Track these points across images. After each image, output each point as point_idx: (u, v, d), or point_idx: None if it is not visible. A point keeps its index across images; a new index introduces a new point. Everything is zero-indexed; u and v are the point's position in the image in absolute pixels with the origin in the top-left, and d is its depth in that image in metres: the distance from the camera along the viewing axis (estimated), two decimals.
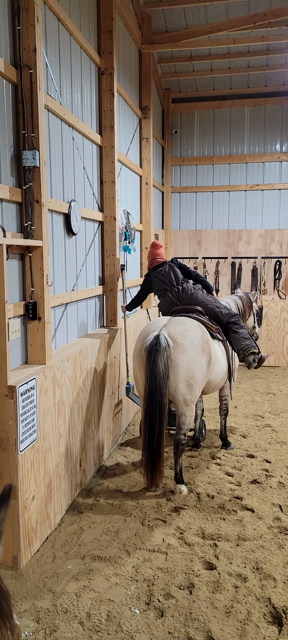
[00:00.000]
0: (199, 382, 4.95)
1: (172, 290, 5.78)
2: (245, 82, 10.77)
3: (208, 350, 5.05)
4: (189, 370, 4.81)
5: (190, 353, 4.82)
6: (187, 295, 5.68)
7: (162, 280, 5.87)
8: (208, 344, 5.08)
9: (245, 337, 5.56)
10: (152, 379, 4.62)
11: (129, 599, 3.46)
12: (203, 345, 4.98)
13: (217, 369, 5.36)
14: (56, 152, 4.87)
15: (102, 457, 5.69)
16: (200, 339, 4.97)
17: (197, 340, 4.92)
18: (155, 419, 4.61)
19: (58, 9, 4.72)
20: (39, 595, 3.50)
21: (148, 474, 4.69)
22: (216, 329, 5.48)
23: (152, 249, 6.17)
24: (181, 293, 5.72)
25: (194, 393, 4.92)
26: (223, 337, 5.58)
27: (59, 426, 4.43)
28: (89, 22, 5.71)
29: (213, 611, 3.32)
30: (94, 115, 5.99)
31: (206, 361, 5.01)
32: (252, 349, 5.48)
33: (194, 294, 5.68)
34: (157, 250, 6.13)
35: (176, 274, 5.84)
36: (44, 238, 4.22)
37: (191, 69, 10.20)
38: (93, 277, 6.09)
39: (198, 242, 11.44)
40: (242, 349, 5.50)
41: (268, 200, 11.15)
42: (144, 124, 8.45)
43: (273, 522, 4.43)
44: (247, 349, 5.47)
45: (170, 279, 5.82)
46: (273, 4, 8.14)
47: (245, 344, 5.50)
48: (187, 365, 4.80)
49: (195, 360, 4.86)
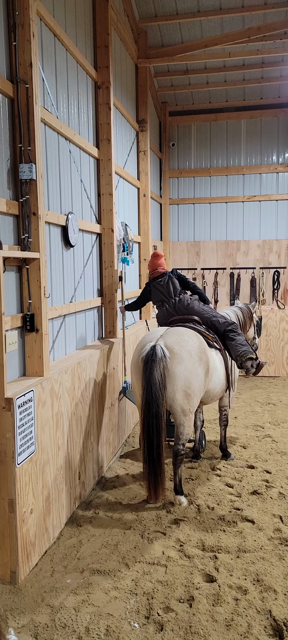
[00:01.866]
0: (197, 392, 4.93)
1: (169, 302, 5.80)
2: (241, 94, 10.86)
3: (205, 360, 5.04)
4: (186, 380, 4.79)
5: (187, 363, 4.81)
6: (183, 306, 5.70)
7: (160, 291, 5.90)
8: (205, 354, 5.07)
9: (242, 343, 5.55)
10: (148, 389, 4.60)
11: (128, 613, 3.42)
12: (200, 355, 4.96)
13: (215, 378, 5.34)
14: (53, 165, 4.90)
15: (101, 470, 5.66)
16: (197, 348, 4.96)
17: (194, 350, 4.91)
18: (152, 430, 4.59)
19: (54, 24, 4.77)
20: (37, 610, 3.46)
21: (151, 486, 4.65)
22: (213, 338, 5.48)
23: (153, 259, 6.20)
24: (178, 304, 5.74)
25: (192, 403, 4.90)
26: (220, 346, 5.57)
27: (57, 438, 4.41)
28: (85, 37, 5.78)
29: (214, 624, 3.28)
30: (90, 128, 6.04)
31: (204, 371, 5.00)
32: (250, 355, 5.46)
33: (190, 305, 5.70)
34: (158, 260, 6.16)
35: (174, 286, 5.86)
36: (41, 250, 4.23)
37: (187, 83, 10.30)
38: (91, 288, 6.10)
39: (196, 253, 11.48)
40: (239, 355, 5.48)
41: (266, 211, 11.20)
42: (141, 137, 8.51)
43: (274, 533, 4.39)
44: (244, 354, 5.45)
45: (169, 290, 5.85)
46: (267, 18, 8.24)
47: (242, 350, 5.48)
48: (184, 375, 4.78)
49: (192, 370, 4.84)
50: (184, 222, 11.53)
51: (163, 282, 5.92)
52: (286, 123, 10.97)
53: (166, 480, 5.48)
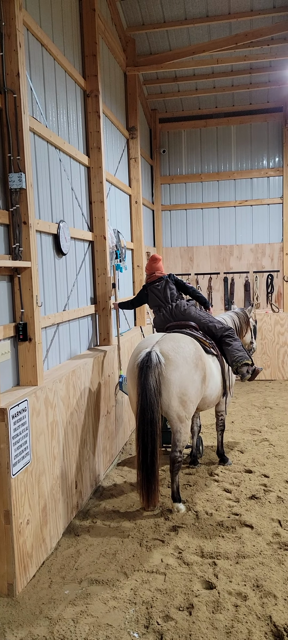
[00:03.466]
0: (193, 399, 4.89)
1: (166, 307, 5.76)
2: (230, 100, 10.93)
3: (202, 367, 5.01)
4: (182, 387, 4.76)
5: (183, 369, 4.77)
6: (180, 311, 5.67)
7: (157, 295, 5.87)
8: (202, 360, 5.03)
9: (239, 349, 5.52)
10: (143, 395, 4.57)
11: (127, 622, 3.38)
12: (196, 361, 4.93)
13: (212, 384, 5.30)
14: (43, 173, 4.89)
15: (98, 478, 5.61)
16: (193, 355, 4.93)
17: (189, 357, 4.87)
18: (147, 436, 4.55)
19: (41, 34, 4.78)
20: (35, 623, 3.41)
21: (144, 493, 4.60)
22: (210, 344, 5.44)
23: (151, 262, 6.16)
24: (174, 310, 5.70)
25: (188, 410, 4.86)
26: (217, 351, 5.54)
27: (52, 448, 4.37)
28: (73, 47, 5.79)
29: (214, 632, 3.24)
30: (80, 136, 6.04)
31: (200, 377, 4.97)
32: (245, 360, 5.44)
33: (187, 310, 5.66)
34: (156, 264, 6.12)
35: (171, 291, 5.83)
36: (33, 259, 4.21)
37: (176, 90, 10.36)
38: (84, 296, 6.08)
39: (190, 258, 11.49)
40: (235, 360, 5.46)
41: (258, 215, 11.25)
42: (131, 144, 8.53)
43: (273, 537, 4.36)
44: (240, 360, 5.43)
45: (166, 296, 5.81)
46: (254, 25, 8.31)
47: (238, 356, 5.46)
48: (179, 381, 4.74)
49: (188, 376, 4.80)
50: (177, 228, 11.55)
51: (160, 287, 5.89)
52: (275, 128, 11.04)
53: (164, 487, 5.45)
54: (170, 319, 5.70)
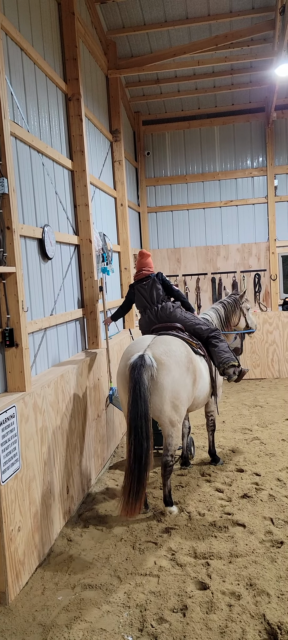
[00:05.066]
0: (185, 402, 4.87)
1: (152, 309, 5.66)
2: (212, 101, 10.99)
3: (192, 369, 4.99)
4: (174, 391, 4.73)
5: (175, 374, 4.74)
6: (166, 314, 5.58)
7: (143, 295, 5.73)
8: (192, 363, 5.01)
9: (225, 350, 5.49)
10: (136, 388, 4.44)
11: (121, 626, 3.35)
12: (187, 364, 4.91)
13: (201, 386, 5.29)
14: (26, 178, 4.85)
15: (90, 482, 5.57)
16: (185, 358, 4.90)
17: (181, 360, 4.84)
18: (141, 432, 4.35)
19: (20, 39, 4.75)
20: (28, 630, 3.36)
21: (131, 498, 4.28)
22: (197, 344, 5.42)
23: (140, 258, 5.97)
24: (160, 312, 5.60)
25: (180, 413, 4.84)
26: (204, 352, 5.52)
27: (42, 454, 4.32)
28: (53, 51, 5.77)
29: (208, 632, 3.23)
30: (63, 140, 6.01)
31: (191, 380, 4.95)
32: (232, 362, 5.40)
33: (173, 313, 5.57)
34: (145, 259, 5.93)
35: (157, 292, 5.69)
36: (17, 264, 4.17)
37: (159, 92, 10.38)
38: (72, 300, 6.04)
39: (177, 260, 11.51)
40: (222, 362, 5.41)
41: (243, 215, 11.30)
42: (115, 147, 8.52)
43: (265, 536, 4.36)
44: (227, 361, 5.39)
45: (152, 296, 5.69)
46: (234, 26, 8.36)
47: (224, 357, 5.42)
48: (171, 386, 4.71)
49: (180, 380, 4.77)
50: (163, 230, 11.56)
51: (147, 286, 5.73)
52: (258, 128, 11.12)
53: (156, 489, 5.43)
54: (155, 321, 5.60)
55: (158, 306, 5.63)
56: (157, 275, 5.82)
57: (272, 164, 11.01)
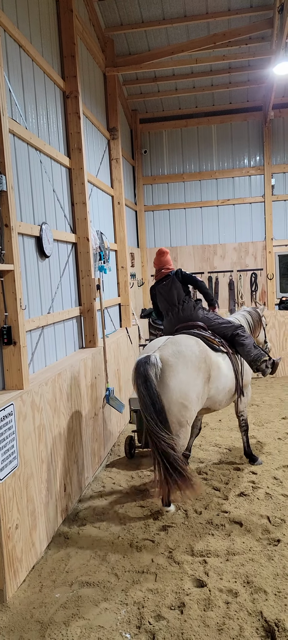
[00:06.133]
0: (194, 403, 4.81)
1: (173, 310, 5.60)
2: (210, 100, 10.99)
3: (205, 368, 4.94)
4: (181, 392, 4.70)
5: (182, 375, 4.71)
6: (187, 315, 5.53)
7: (165, 297, 5.68)
8: (206, 362, 4.96)
9: (254, 346, 5.49)
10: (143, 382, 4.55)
11: (119, 623, 3.36)
12: (199, 364, 4.86)
13: (220, 384, 5.20)
14: (24, 175, 4.84)
15: (87, 480, 5.57)
16: (195, 358, 4.85)
17: (191, 360, 4.80)
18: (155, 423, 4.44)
19: (19, 35, 4.74)
20: (26, 628, 3.37)
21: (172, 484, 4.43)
22: (219, 342, 5.38)
23: (158, 256, 5.90)
24: (181, 313, 5.55)
25: (189, 414, 4.79)
26: (228, 349, 5.45)
27: (40, 451, 4.32)
28: (51, 48, 5.76)
29: (205, 629, 3.24)
30: (61, 138, 6.00)
31: (202, 380, 4.89)
32: (263, 357, 5.42)
33: (194, 313, 5.52)
34: (164, 257, 5.85)
35: (178, 291, 5.60)
36: (15, 262, 4.17)
37: (156, 90, 10.37)
38: (69, 298, 6.03)
39: (174, 258, 11.50)
40: (253, 359, 5.42)
41: (240, 214, 11.32)
42: (112, 145, 8.51)
43: (262, 534, 4.38)
44: (258, 358, 5.40)
45: (172, 297, 5.62)
46: (232, 24, 8.36)
47: (254, 354, 5.42)
48: (178, 387, 4.68)
49: (188, 381, 4.73)
50: (160, 228, 11.56)
51: (166, 287, 5.66)
52: (255, 127, 11.14)
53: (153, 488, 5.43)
54: (177, 322, 5.56)
55: (180, 307, 5.58)
56: (176, 274, 5.71)
57: (269, 163, 11.04)
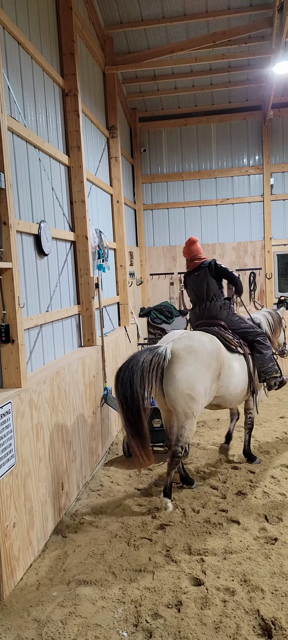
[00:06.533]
0: (202, 397, 4.90)
1: (200, 306, 5.68)
2: (209, 99, 10.98)
3: (216, 366, 5.02)
4: (188, 384, 4.80)
5: (191, 368, 4.82)
6: (212, 314, 5.59)
7: (194, 290, 5.72)
8: (217, 360, 5.04)
9: (269, 359, 5.55)
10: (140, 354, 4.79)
11: (116, 622, 3.36)
12: (209, 361, 4.95)
13: (231, 383, 5.28)
14: (23, 173, 4.83)
15: (85, 479, 5.57)
16: (207, 354, 4.95)
17: (201, 356, 4.90)
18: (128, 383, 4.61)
19: (18, 32, 4.73)
20: (23, 626, 3.37)
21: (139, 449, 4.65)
22: (237, 343, 5.45)
23: (188, 245, 5.86)
24: (206, 311, 5.62)
25: (196, 407, 4.89)
26: (245, 351, 5.51)
27: (38, 450, 4.32)
28: (50, 45, 5.75)
29: (202, 628, 3.24)
30: (60, 136, 5.99)
31: (211, 377, 4.98)
32: (274, 373, 5.50)
33: (219, 314, 5.58)
34: (194, 246, 5.82)
35: (209, 286, 5.60)
36: (14, 260, 4.16)
37: (156, 89, 10.35)
38: (67, 297, 6.03)
39: (173, 257, 11.51)
40: (265, 371, 5.51)
41: (239, 213, 11.31)
42: (111, 144, 8.50)
43: (259, 532, 4.39)
44: (270, 372, 5.49)
45: (202, 291, 5.65)
46: (232, 23, 8.35)
47: (267, 367, 5.50)
48: (185, 379, 4.79)
49: (196, 375, 4.83)
50: (159, 227, 11.55)
51: (198, 279, 5.66)
52: (255, 126, 11.12)
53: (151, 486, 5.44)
54: (200, 318, 5.65)
55: (207, 304, 5.63)
56: (209, 266, 5.68)
57: (268, 162, 11.03)
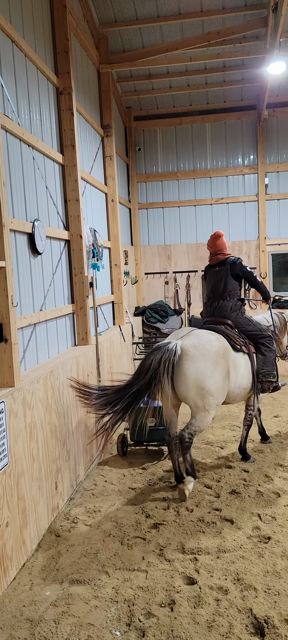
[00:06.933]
0: (213, 393, 5.05)
1: (213, 302, 5.72)
2: (204, 98, 10.99)
3: (224, 364, 5.15)
4: (198, 381, 4.95)
5: (200, 365, 4.95)
6: (221, 314, 5.64)
7: (211, 284, 5.75)
8: (224, 358, 5.16)
9: (272, 362, 5.64)
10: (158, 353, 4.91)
11: (109, 621, 3.36)
12: (216, 359, 5.07)
13: (236, 381, 5.39)
14: (16, 172, 4.82)
15: (79, 478, 5.56)
16: (214, 352, 5.07)
17: (209, 354, 5.02)
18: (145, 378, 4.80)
19: (11, 30, 4.71)
20: (16, 626, 3.36)
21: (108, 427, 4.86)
22: (242, 342, 5.52)
23: (213, 239, 5.84)
24: (216, 309, 5.65)
25: (208, 402, 5.04)
26: (249, 350, 5.58)
27: (31, 449, 4.31)
28: (44, 43, 5.73)
29: (195, 627, 3.25)
30: (54, 134, 5.98)
31: (221, 374, 5.12)
32: (271, 378, 5.60)
33: (227, 315, 5.62)
34: (219, 240, 5.80)
35: (226, 285, 5.61)
36: (7, 258, 4.14)
37: (150, 87, 10.35)
38: (62, 296, 6.02)
39: (168, 256, 11.51)
40: (262, 373, 5.59)
41: (234, 213, 11.33)
42: (106, 142, 8.49)
43: (253, 531, 4.40)
44: (267, 375, 5.59)
45: (218, 289, 5.67)
46: (226, 23, 8.36)
47: (266, 370, 5.59)
48: (195, 375, 4.94)
49: (205, 372, 4.97)
50: (154, 226, 11.55)
51: (217, 275, 5.67)
52: (249, 125, 11.15)
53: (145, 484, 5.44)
54: (210, 315, 5.72)
55: (220, 302, 5.66)
56: (232, 265, 5.66)
57: (263, 162, 11.06)
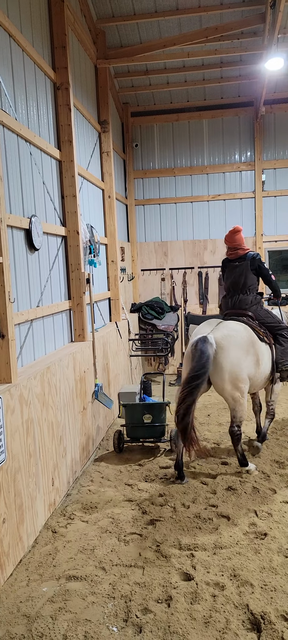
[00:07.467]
0: (246, 381, 5.27)
1: (234, 295, 5.85)
2: (201, 94, 10.97)
3: (253, 352, 5.38)
4: (233, 372, 5.15)
5: (233, 356, 5.15)
6: (242, 307, 5.79)
7: (231, 278, 5.88)
8: (254, 347, 5.40)
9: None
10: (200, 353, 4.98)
11: (106, 617, 3.36)
12: (247, 348, 5.30)
13: (262, 370, 5.59)
14: (13, 167, 4.79)
15: (75, 474, 5.57)
16: (245, 342, 5.29)
17: (240, 344, 5.24)
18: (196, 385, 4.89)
19: (9, 24, 4.68)
20: (13, 622, 3.36)
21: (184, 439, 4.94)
22: (263, 333, 5.69)
23: (232, 234, 5.95)
24: (237, 303, 5.80)
25: (242, 390, 5.25)
26: (270, 341, 5.78)
27: (28, 445, 4.31)
28: (42, 38, 5.70)
29: (192, 622, 3.26)
30: (51, 130, 5.95)
31: (253, 361, 5.36)
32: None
33: (248, 308, 5.78)
34: (238, 235, 5.91)
35: (246, 280, 5.78)
36: (4, 254, 4.13)
37: (148, 83, 10.32)
38: (58, 292, 6.00)
39: (164, 253, 11.51)
40: (282, 362, 5.78)
41: (231, 209, 11.33)
42: (103, 138, 8.46)
43: (249, 527, 4.41)
44: (286, 364, 5.76)
45: (238, 283, 5.82)
46: (224, 19, 8.34)
47: (285, 360, 5.77)
48: (230, 367, 5.13)
49: (239, 362, 5.18)
50: (151, 223, 11.54)
51: (238, 269, 5.81)
52: (247, 122, 11.14)
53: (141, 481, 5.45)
54: (231, 307, 5.85)
55: (240, 296, 5.81)
56: (252, 260, 5.82)
57: (260, 158, 11.06)
